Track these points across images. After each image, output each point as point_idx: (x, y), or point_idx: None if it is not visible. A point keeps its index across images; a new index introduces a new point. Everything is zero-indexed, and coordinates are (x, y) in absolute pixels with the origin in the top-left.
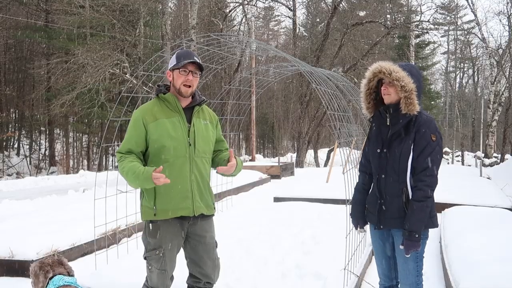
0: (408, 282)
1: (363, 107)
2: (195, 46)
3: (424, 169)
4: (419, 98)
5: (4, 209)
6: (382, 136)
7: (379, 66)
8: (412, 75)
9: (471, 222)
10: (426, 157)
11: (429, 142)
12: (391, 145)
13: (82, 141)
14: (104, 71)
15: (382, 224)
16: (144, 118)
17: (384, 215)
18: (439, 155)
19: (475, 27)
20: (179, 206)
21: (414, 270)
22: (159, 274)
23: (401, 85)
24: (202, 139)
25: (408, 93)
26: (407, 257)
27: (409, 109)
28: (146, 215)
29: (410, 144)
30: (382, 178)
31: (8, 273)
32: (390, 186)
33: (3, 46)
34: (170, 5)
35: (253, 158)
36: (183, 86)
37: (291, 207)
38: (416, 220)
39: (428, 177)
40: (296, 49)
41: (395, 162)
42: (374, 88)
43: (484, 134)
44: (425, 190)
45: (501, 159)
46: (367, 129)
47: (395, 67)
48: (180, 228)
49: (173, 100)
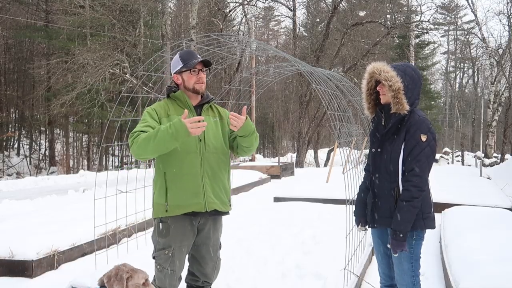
0: (404, 282)
1: (364, 108)
2: (195, 46)
3: (412, 169)
4: (411, 98)
5: (4, 209)
6: (378, 136)
7: (372, 67)
8: (405, 75)
9: (471, 222)
10: (414, 158)
11: (418, 142)
12: (384, 144)
13: (82, 141)
14: (104, 71)
15: (376, 223)
16: (158, 112)
17: (378, 214)
18: (430, 156)
19: (475, 27)
20: (191, 202)
21: (409, 271)
22: (167, 274)
23: (388, 84)
24: (213, 135)
25: (395, 93)
26: (401, 258)
27: (397, 109)
28: (158, 212)
29: (400, 144)
30: (376, 177)
31: (8, 273)
32: (383, 185)
33: (3, 46)
34: (170, 5)
35: (253, 158)
36: (197, 84)
37: (291, 207)
38: (401, 220)
39: (415, 178)
40: (296, 49)
41: (387, 161)
42: (373, 89)
43: (484, 134)
44: (411, 190)
45: (501, 159)
46: (367, 129)
47: (385, 67)
48: (190, 228)
49: (184, 98)
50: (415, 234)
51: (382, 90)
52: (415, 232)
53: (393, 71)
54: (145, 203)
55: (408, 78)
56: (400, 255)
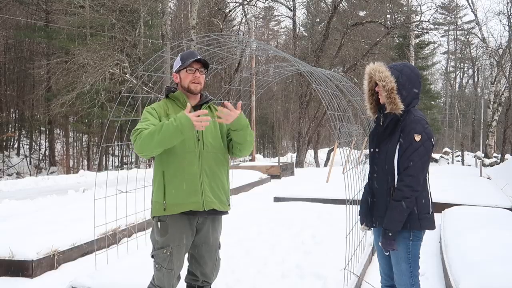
0: (402, 282)
1: (367, 108)
2: (195, 46)
3: (405, 169)
4: (407, 97)
5: (4, 209)
6: (376, 136)
7: (369, 68)
8: (402, 74)
9: (471, 222)
10: (408, 157)
11: (412, 142)
12: (380, 144)
13: (82, 141)
14: (104, 71)
15: (375, 223)
16: (158, 111)
17: (375, 213)
18: (424, 156)
19: (475, 27)
20: (189, 201)
21: (407, 271)
22: (166, 273)
23: (382, 85)
24: (211, 135)
25: (388, 93)
26: (399, 258)
27: (391, 108)
28: (156, 211)
29: (395, 143)
30: (374, 177)
31: (8, 273)
32: (380, 185)
33: (3, 46)
34: (170, 5)
35: (253, 158)
36: (192, 84)
37: (291, 207)
38: (391, 219)
39: (408, 177)
40: (296, 49)
41: (383, 161)
42: (374, 89)
43: (484, 134)
44: (403, 190)
45: (501, 159)
46: (367, 129)
47: (381, 67)
48: (189, 227)
49: (183, 98)
50: (411, 235)
51: (379, 90)
52: (412, 233)
53: (388, 71)
54: (145, 203)
55: (404, 77)
56: (398, 256)
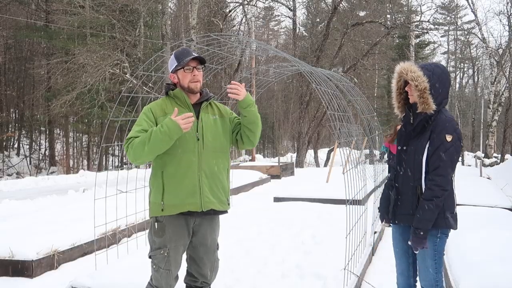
0: (427, 278)
1: (394, 107)
2: (195, 46)
3: (436, 168)
4: (438, 97)
5: (4, 209)
6: (405, 134)
7: (400, 67)
8: (433, 75)
9: (471, 222)
10: (439, 157)
11: (443, 142)
12: (409, 143)
13: (82, 141)
14: (104, 71)
15: (397, 219)
16: (155, 111)
17: (399, 211)
18: (454, 156)
19: (475, 27)
20: (187, 201)
21: (432, 267)
22: (164, 273)
23: (415, 84)
24: (211, 134)
25: (421, 92)
26: (425, 254)
27: (423, 108)
28: (154, 211)
29: (425, 142)
30: (400, 175)
31: (8, 273)
32: (406, 183)
33: (3, 46)
34: (170, 5)
35: (253, 158)
36: (191, 83)
37: (291, 207)
38: (422, 217)
39: (438, 177)
40: (296, 49)
41: (411, 160)
42: (403, 88)
43: (484, 134)
44: (434, 189)
45: (501, 159)
46: (367, 129)
47: (413, 67)
48: (186, 227)
49: (182, 96)
50: (439, 232)
51: (410, 90)
52: (440, 230)
53: (420, 71)
54: (145, 203)
55: (435, 77)
56: (424, 252)
